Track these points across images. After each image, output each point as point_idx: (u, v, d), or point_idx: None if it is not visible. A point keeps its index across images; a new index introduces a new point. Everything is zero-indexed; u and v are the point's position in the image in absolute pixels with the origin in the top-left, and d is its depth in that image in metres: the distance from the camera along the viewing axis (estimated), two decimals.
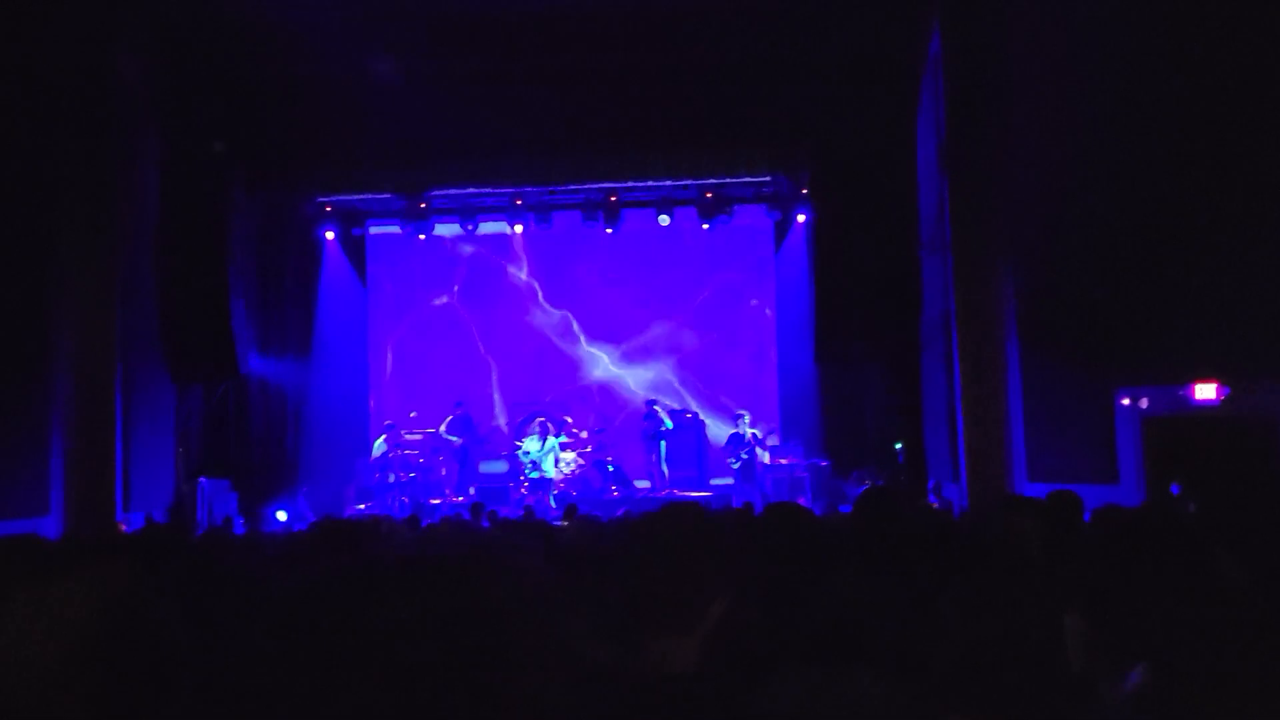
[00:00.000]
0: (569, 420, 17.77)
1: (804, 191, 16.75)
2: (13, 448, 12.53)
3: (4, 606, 1.39)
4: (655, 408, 17.39)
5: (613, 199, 17.59)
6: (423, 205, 17.66)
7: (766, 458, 16.56)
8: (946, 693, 1.85)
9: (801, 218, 17.25)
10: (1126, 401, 12.05)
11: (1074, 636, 1.83)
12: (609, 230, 18.11)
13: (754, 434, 16.67)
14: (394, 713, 0.96)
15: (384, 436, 17.42)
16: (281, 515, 15.64)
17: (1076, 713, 1.86)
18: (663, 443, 17.29)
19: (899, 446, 15.78)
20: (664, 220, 17.88)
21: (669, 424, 17.29)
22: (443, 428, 18.03)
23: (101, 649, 1.38)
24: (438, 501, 16.84)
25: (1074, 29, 12.28)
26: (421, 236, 18.13)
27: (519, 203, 17.67)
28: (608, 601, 2.12)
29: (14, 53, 12.31)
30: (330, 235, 18.21)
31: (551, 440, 16.78)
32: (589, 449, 17.76)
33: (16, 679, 1.35)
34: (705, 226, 18.02)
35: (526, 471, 16.78)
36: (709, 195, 17.47)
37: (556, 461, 16.88)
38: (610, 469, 17.56)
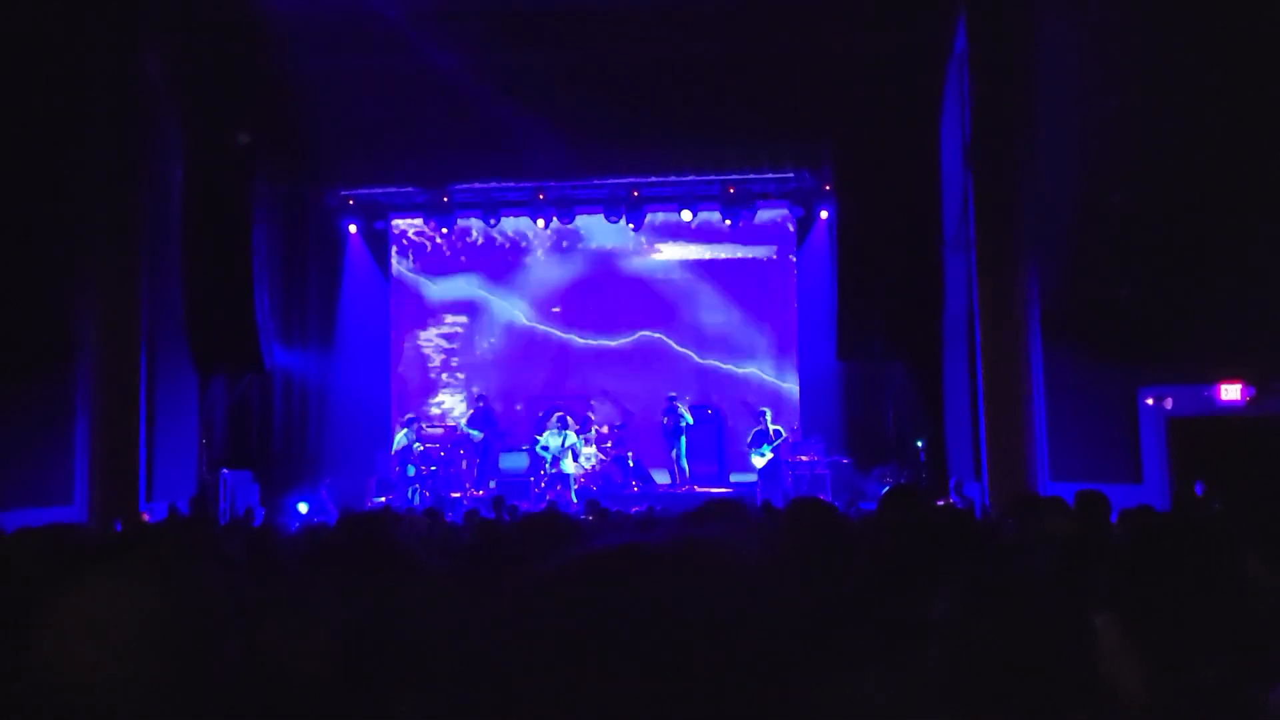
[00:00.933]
0: (591, 416, 17.79)
1: (827, 188, 16.71)
2: (37, 437, 12.63)
3: (67, 597, 1.40)
4: (676, 403, 17.38)
5: (635, 194, 17.59)
6: (445, 199, 17.72)
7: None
8: (948, 693, 1.84)
9: (824, 214, 17.21)
10: (1150, 401, 11.98)
11: (1105, 638, 1.82)
12: (631, 225, 18.14)
13: (777, 430, 16.67)
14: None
15: (405, 430, 17.48)
16: (303, 507, 15.70)
17: (1098, 716, 1.85)
18: (683, 438, 17.28)
19: (920, 444, 15.73)
20: (686, 216, 17.91)
21: (689, 419, 17.28)
22: (463, 422, 18.09)
23: (167, 639, 1.40)
24: (458, 495, 16.89)
25: (1100, 24, 12.20)
26: (444, 230, 18.19)
27: (541, 197, 17.70)
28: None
29: (38, 46, 12.38)
30: (353, 229, 18.30)
31: (570, 435, 16.80)
32: (610, 444, 17.78)
33: (85, 669, 1.36)
34: (728, 222, 18.01)
35: (545, 466, 16.81)
36: (732, 191, 17.46)
37: (575, 456, 16.89)
38: (631, 464, 17.57)
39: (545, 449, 16.80)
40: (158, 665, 1.38)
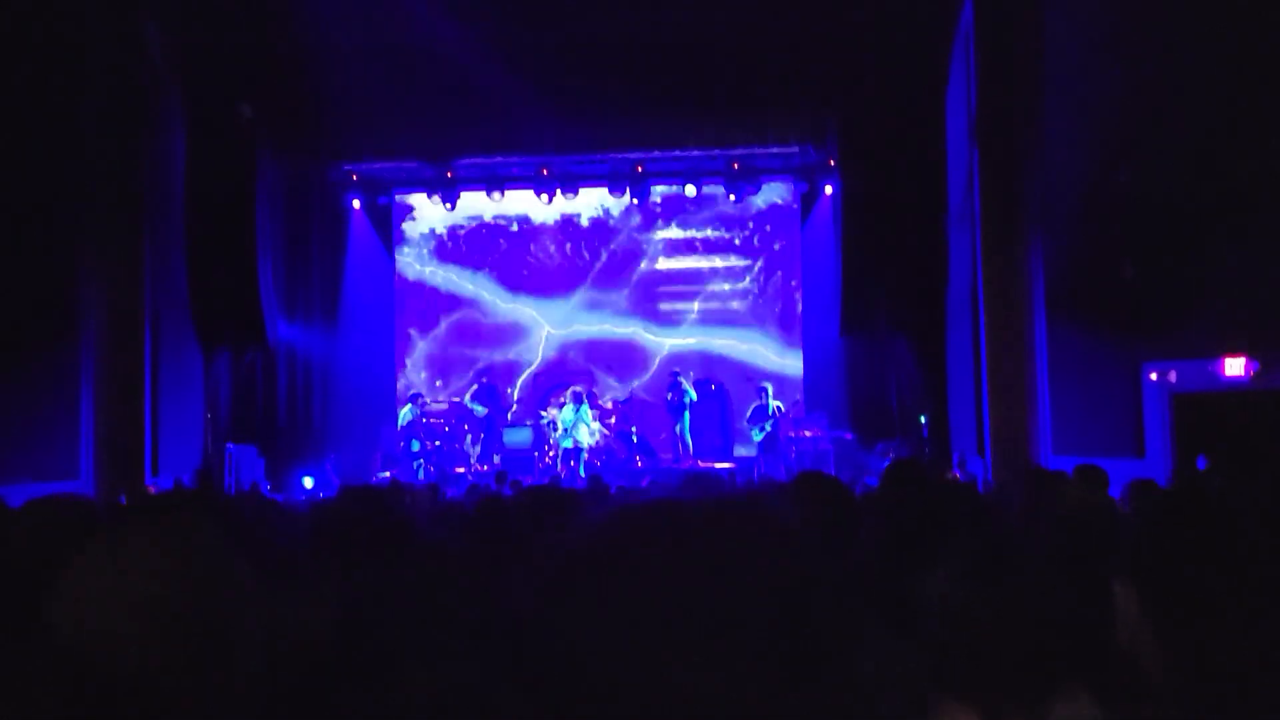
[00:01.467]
0: (596, 390, 17.84)
1: (832, 163, 16.65)
2: (43, 412, 12.65)
3: (80, 561, 1.41)
4: (679, 379, 17.39)
5: (639, 169, 17.54)
6: (448, 174, 17.67)
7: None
8: (949, 667, 1.85)
9: (829, 189, 17.16)
10: (1154, 376, 11.97)
11: (1123, 607, 1.82)
12: (635, 200, 18.11)
13: (778, 406, 16.68)
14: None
15: (409, 405, 17.50)
16: (308, 481, 15.76)
17: (1119, 690, 1.85)
18: (686, 413, 17.30)
19: (923, 419, 15.73)
20: (691, 191, 17.87)
21: (693, 395, 17.29)
22: (467, 397, 18.11)
23: (180, 603, 1.41)
24: (462, 470, 16.94)
25: None
26: (448, 205, 18.15)
27: (545, 172, 17.65)
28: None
29: (40, 20, 12.33)
30: (356, 204, 18.27)
31: (585, 408, 16.86)
32: (613, 419, 17.82)
33: (97, 633, 1.37)
34: (732, 198, 17.97)
35: (559, 440, 16.85)
36: (736, 166, 17.41)
37: (589, 430, 16.98)
38: (634, 439, 17.60)
39: (560, 422, 16.88)
40: (177, 630, 1.39)
